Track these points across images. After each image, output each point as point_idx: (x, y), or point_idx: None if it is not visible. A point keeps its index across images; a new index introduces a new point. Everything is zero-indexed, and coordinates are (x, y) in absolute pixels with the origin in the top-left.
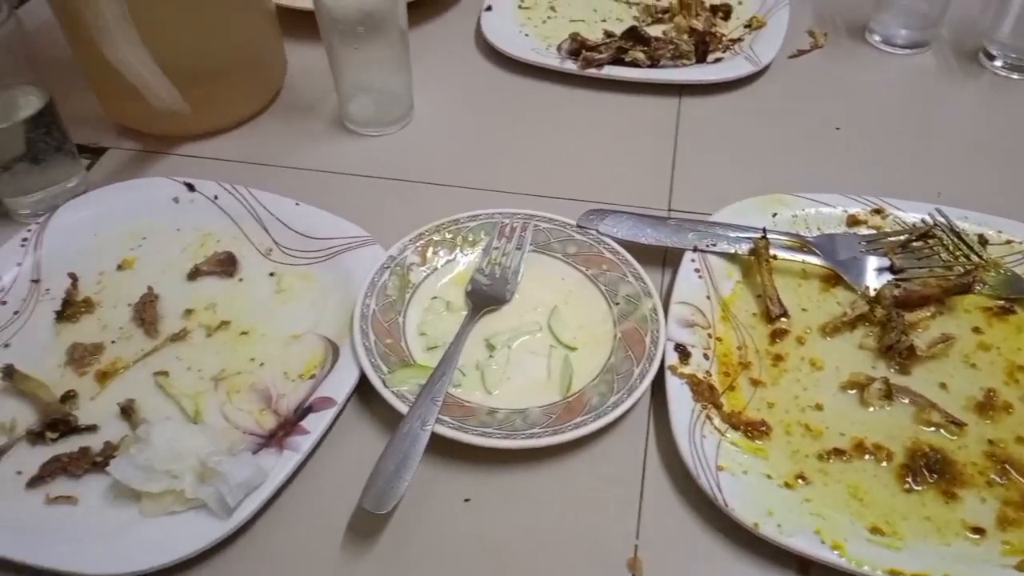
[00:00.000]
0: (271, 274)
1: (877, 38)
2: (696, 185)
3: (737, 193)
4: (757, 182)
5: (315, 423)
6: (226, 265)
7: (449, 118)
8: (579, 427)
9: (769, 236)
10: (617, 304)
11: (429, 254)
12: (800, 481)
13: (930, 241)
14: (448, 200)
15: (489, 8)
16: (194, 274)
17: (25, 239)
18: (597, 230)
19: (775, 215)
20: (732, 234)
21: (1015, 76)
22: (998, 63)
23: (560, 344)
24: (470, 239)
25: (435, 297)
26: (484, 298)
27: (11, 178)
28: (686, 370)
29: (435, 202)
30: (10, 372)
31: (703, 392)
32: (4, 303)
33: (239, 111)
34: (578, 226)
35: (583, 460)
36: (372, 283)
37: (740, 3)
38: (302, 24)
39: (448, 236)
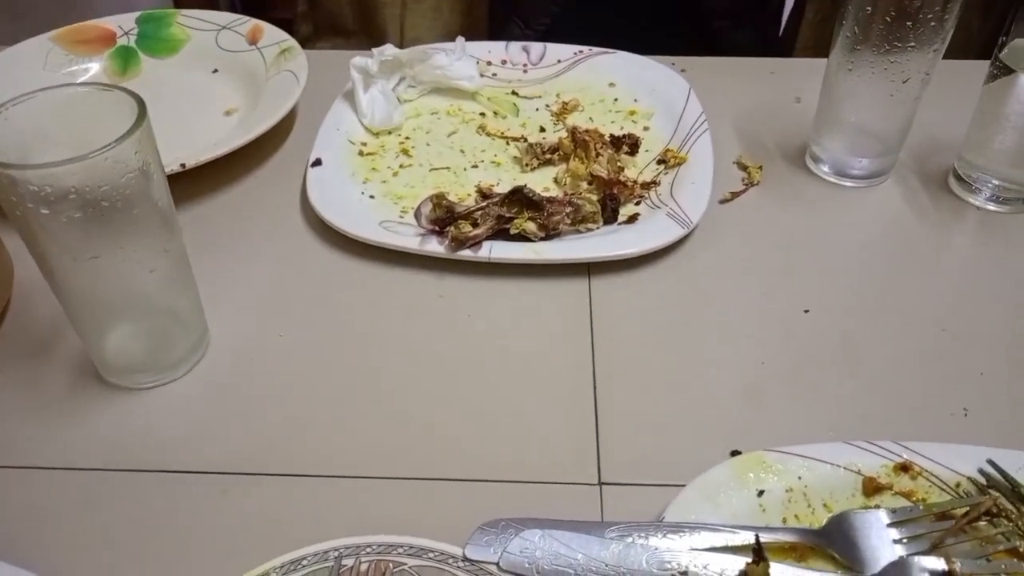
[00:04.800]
0: None
1: (825, 168)
2: (633, 430)
3: (694, 437)
4: (717, 415)
5: None
6: None
7: (265, 344)
8: None
9: (764, 543)
10: None
11: None
12: None
13: (994, 520)
14: (260, 504)
15: (318, 163)
16: None
17: None
18: (497, 565)
19: (761, 493)
20: (704, 543)
21: (992, 207)
22: (984, 195)
23: None
24: None
25: None
26: None
27: None
28: None
29: (238, 512)
30: None
31: None
32: None
33: None
34: (466, 560)
35: None
36: None
37: (646, 128)
38: None
39: None
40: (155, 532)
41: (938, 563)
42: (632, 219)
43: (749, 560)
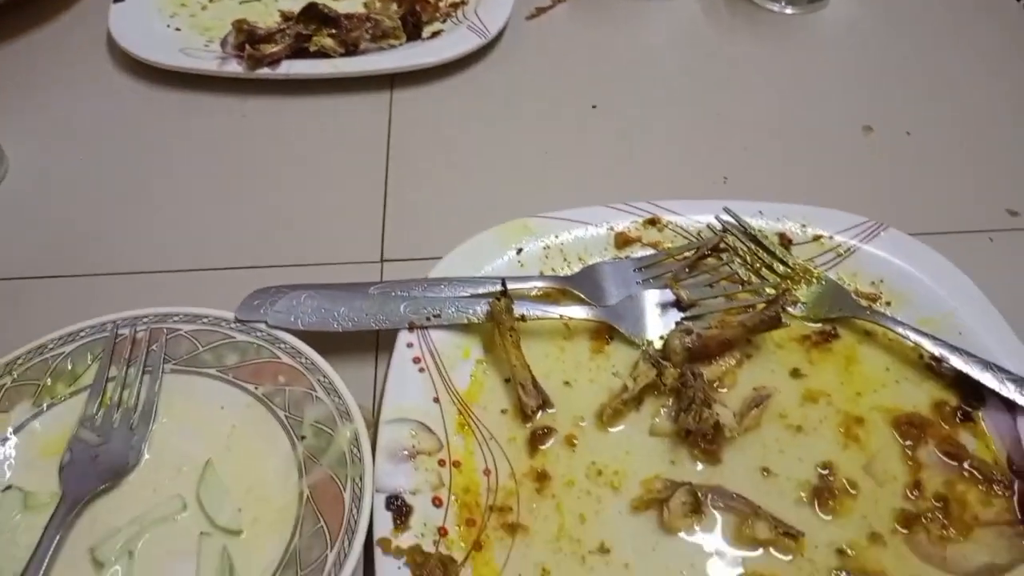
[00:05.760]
0: None
1: None
2: (417, 216)
3: (473, 220)
4: (499, 200)
5: None
6: None
7: (66, 168)
8: None
9: (510, 288)
10: (303, 439)
11: None
12: None
13: (723, 256)
14: (50, 304)
15: None
16: None
17: None
18: (266, 323)
19: (520, 251)
20: (461, 293)
21: (790, 10)
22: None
23: (216, 529)
24: (68, 374)
25: (8, 488)
26: (90, 472)
27: None
28: (404, 541)
29: (30, 312)
30: None
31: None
32: None
33: None
34: (238, 321)
35: None
36: None
37: None
38: None
39: (29, 376)
40: None
41: (668, 294)
42: (435, 35)
43: (497, 292)
